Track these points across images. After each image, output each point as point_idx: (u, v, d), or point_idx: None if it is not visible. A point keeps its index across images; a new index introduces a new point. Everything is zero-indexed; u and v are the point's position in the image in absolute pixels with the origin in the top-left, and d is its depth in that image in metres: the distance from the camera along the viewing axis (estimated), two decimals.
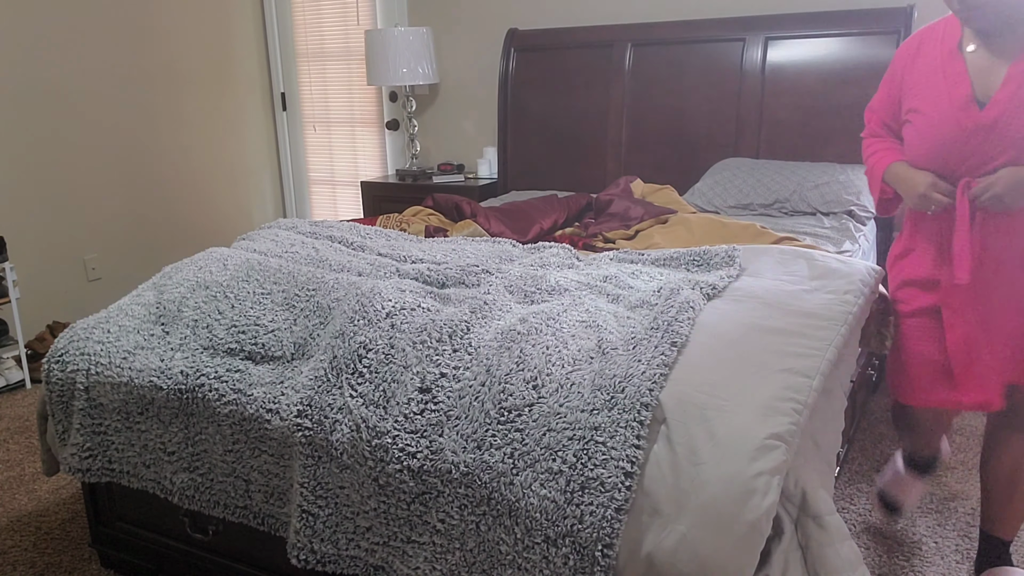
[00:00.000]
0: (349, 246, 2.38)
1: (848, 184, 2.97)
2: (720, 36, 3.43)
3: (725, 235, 2.48)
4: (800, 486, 1.37)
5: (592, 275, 2.03)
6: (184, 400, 1.80)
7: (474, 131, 4.28)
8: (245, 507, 1.81)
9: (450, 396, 1.57)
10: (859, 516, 2.32)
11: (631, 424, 1.40)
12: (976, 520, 2.28)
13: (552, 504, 1.39)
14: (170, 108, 4.31)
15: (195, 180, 4.50)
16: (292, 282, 1.99)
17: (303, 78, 4.77)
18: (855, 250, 2.63)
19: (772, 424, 1.37)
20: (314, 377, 1.69)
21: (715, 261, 2.08)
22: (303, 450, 1.65)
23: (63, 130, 3.81)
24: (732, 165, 3.27)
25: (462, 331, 1.69)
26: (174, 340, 1.90)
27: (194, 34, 4.40)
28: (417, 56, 3.97)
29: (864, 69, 3.19)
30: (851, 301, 1.88)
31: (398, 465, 1.53)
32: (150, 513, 2.06)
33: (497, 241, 2.48)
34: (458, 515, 1.51)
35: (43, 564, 2.23)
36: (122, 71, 4.05)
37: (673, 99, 3.54)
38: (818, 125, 3.29)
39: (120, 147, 4.08)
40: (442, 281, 2.01)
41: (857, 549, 1.41)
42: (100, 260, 4.04)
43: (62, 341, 1.97)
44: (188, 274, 2.09)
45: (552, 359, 1.56)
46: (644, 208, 2.83)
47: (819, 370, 1.56)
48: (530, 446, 1.44)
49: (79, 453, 1.94)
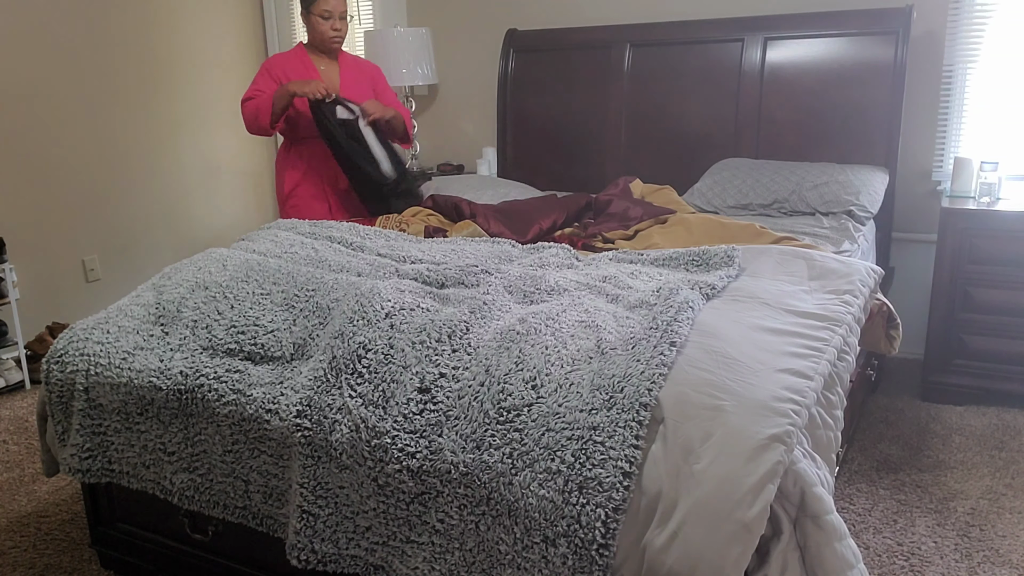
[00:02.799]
0: (348, 246, 2.38)
1: (847, 184, 2.97)
2: (719, 36, 3.43)
3: (724, 235, 2.48)
4: (799, 486, 1.37)
5: (591, 275, 2.03)
6: (183, 400, 1.80)
7: (473, 131, 4.28)
8: (244, 507, 1.81)
9: (449, 396, 1.57)
10: (858, 516, 2.32)
11: (630, 424, 1.40)
12: (976, 520, 2.28)
13: (551, 504, 1.39)
14: (170, 109, 4.32)
15: (194, 182, 4.50)
16: (291, 282, 1.99)
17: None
18: (854, 250, 2.63)
19: (771, 424, 1.37)
20: (313, 377, 1.69)
21: (714, 261, 2.08)
22: (302, 450, 1.65)
23: (63, 131, 3.81)
24: (731, 165, 3.27)
25: (461, 331, 1.69)
26: (173, 341, 1.90)
27: (194, 35, 4.40)
28: (416, 57, 3.97)
29: (863, 69, 3.19)
30: (850, 301, 1.89)
31: (397, 465, 1.54)
32: (150, 514, 2.06)
33: (496, 241, 2.48)
34: (457, 515, 1.51)
35: (43, 565, 2.23)
36: (122, 72, 4.05)
37: (672, 99, 3.55)
38: (817, 125, 3.29)
39: (120, 148, 4.08)
40: (441, 281, 2.01)
41: (856, 549, 1.41)
42: (100, 261, 4.04)
43: (61, 342, 1.97)
44: (187, 275, 2.09)
45: (551, 359, 1.56)
46: (643, 208, 2.83)
47: (818, 370, 1.57)
48: (529, 446, 1.45)
49: (79, 454, 1.94)
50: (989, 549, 2.16)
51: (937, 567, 2.09)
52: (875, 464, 2.61)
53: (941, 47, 3.25)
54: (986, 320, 2.93)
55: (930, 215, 3.38)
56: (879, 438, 2.79)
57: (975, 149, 3.28)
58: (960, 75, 3.25)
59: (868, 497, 2.42)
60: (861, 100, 3.21)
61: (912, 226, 3.43)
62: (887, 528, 2.27)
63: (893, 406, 3.04)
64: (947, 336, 3.00)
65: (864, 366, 2.58)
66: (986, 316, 2.93)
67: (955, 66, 3.25)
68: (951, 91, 3.28)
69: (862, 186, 2.96)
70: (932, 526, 2.27)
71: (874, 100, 3.18)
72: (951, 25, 3.21)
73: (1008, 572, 2.06)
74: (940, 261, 2.96)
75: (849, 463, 2.62)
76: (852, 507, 2.37)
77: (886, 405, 3.05)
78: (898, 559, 2.13)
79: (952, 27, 3.21)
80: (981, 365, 2.97)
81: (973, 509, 2.34)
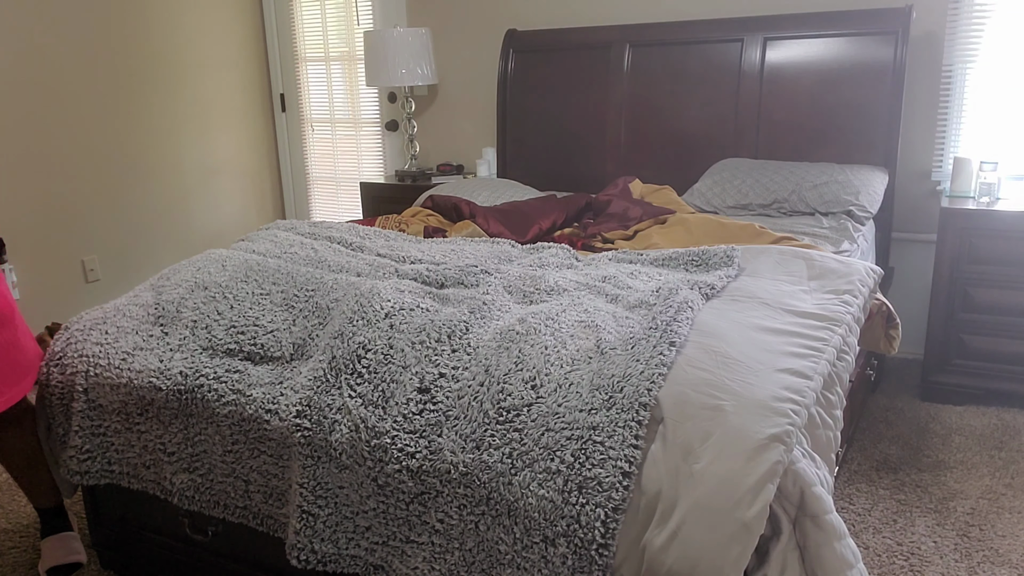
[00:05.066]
0: (348, 247, 2.38)
1: (846, 184, 2.97)
2: (718, 37, 3.43)
3: (724, 235, 2.49)
4: (798, 485, 1.37)
5: (591, 275, 2.03)
6: (183, 401, 1.80)
7: (473, 132, 4.29)
8: (244, 507, 1.81)
9: (449, 396, 1.57)
10: (858, 515, 2.33)
11: (629, 424, 1.40)
12: (975, 520, 2.28)
13: (550, 504, 1.39)
14: (170, 109, 4.31)
15: (194, 182, 4.50)
16: (291, 283, 1.99)
17: (302, 79, 4.78)
18: (853, 250, 2.63)
19: (770, 424, 1.37)
20: (313, 378, 1.69)
21: (714, 261, 2.08)
22: (302, 450, 1.65)
23: (62, 131, 3.81)
24: (731, 165, 3.27)
25: (461, 331, 1.69)
26: (173, 341, 1.90)
27: (193, 36, 4.40)
28: (416, 57, 3.97)
29: (863, 69, 3.19)
30: (850, 301, 1.89)
31: (397, 465, 1.54)
32: (150, 514, 2.06)
33: (496, 241, 2.48)
34: (457, 515, 1.51)
35: None
36: (122, 72, 4.05)
37: (672, 99, 3.55)
38: (816, 125, 3.29)
39: (120, 149, 4.08)
40: (441, 281, 2.01)
41: (856, 548, 1.41)
42: (99, 261, 4.04)
43: (59, 344, 1.97)
44: (186, 275, 2.09)
45: (551, 359, 1.56)
46: (643, 208, 2.84)
47: (817, 370, 1.57)
48: (528, 446, 1.45)
49: (78, 455, 1.94)
50: (989, 549, 2.16)
51: (937, 567, 2.09)
52: (875, 464, 2.61)
53: (940, 47, 3.25)
54: (986, 320, 2.93)
55: (930, 215, 3.38)
56: (879, 438, 2.79)
57: (974, 149, 3.28)
58: (959, 75, 3.26)
59: (868, 497, 2.42)
60: (861, 100, 3.21)
61: (912, 226, 3.44)
62: (887, 528, 2.27)
63: (893, 406, 3.04)
64: (947, 336, 3.00)
65: (864, 366, 2.58)
66: (986, 316, 2.93)
67: (954, 66, 3.25)
68: (950, 91, 3.28)
69: (862, 186, 2.97)
70: (932, 526, 2.27)
71: (874, 100, 3.18)
72: (950, 25, 3.21)
73: (1008, 572, 2.06)
74: (940, 261, 2.96)
75: (849, 463, 2.62)
76: (852, 507, 2.37)
77: (886, 405, 3.05)
78: (898, 559, 2.13)
79: (951, 27, 3.21)
80: (981, 365, 2.97)
81: (973, 509, 2.34)
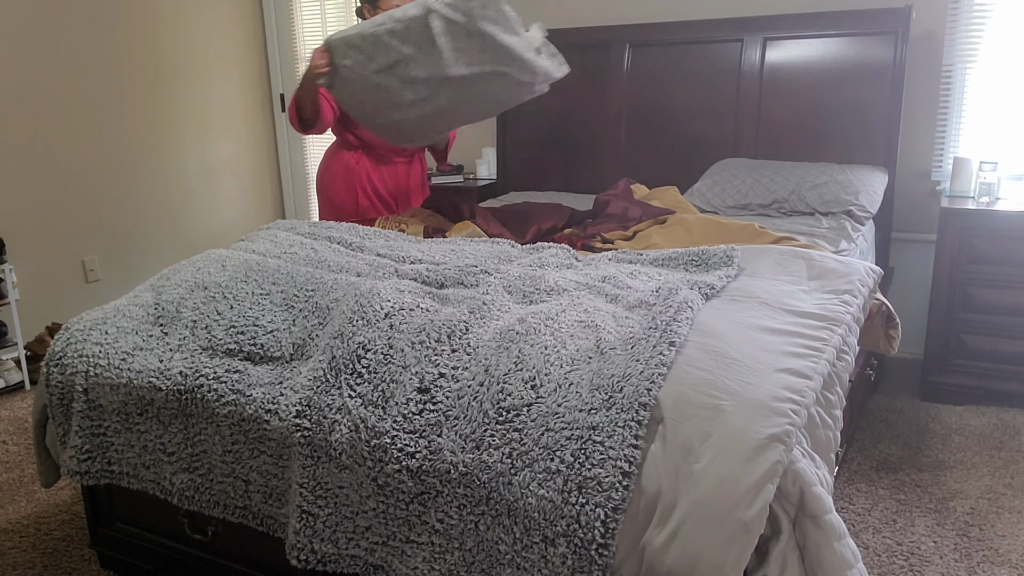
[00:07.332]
0: (348, 247, 2.38)
1: (846, 184, 2.97)
2: (718, 37, 3.43)
3: (723, 235, 2.49)
4: (798, 485, 1.37)
5: (590, 275, 2.03)
6: (183, 401, 1.80)
7: (473, 132, 4.28)
8: (244, 507, 1.81)
9: (449, 396, 1.57)
10: (858, 515, 2.33)
11: (629, 424, 1.40)
12: (975, 520, 2.28)
13: (550, 504, 1.39)
14: (170, 110, 4.32)
15: (195, 182, 4.51)
16: (291, 283, 1.99)
17: None
18: (853, 250, 2.63)
19: (770, 424, 1.37)
20: (313, 378, 1.69)
21: (713, 261, 2.08)
22: (302, 450, 1.65)
23: (63, 131, 3.81)
24: (730, 165, 3.27)
25: (461, 331, 1.69)
26: (173, 341, 1.90)
27: (193, 36, 4.40)
28: None
29: (862, 69, 3.19)
30: (849, 301, 1.89)
31: (397, 465, 1.54)
32: (149, 514, 2.06)
33: (496, 242, 2.48)
34: (457, 515, 1.51)
35: (42, 566, 2.23)
36: (122, 73, 4.05)
37: (671, 100, 3.55)
38: (816, 125, 3.29)
39: (120, 149, 4.08)
40: (441, 282, 2.01)
41: (855, 548, 1.41)
42: (99, 261, 4.04)
43: (59, 344, 1.97)
44: (186, 275, 2.09)
45: (550, 359, 1.56)
46: (642, 209, 2.84)
47: (817, 370, 1.57)
48: (528, 446, 1.45)
49: (77, 455, 1.94)
50: (988, 549, 2.16)
51: (936, 567, 2.09)
52: (874, 464, 2.61)
53: (940, 47, 3.25)
54: (985, 320, 2.93)
55: (929, 215, 3.38)
56: (879, 438, 2.79)
57: (974, 149, 3.28)
58: (959, 75, 3.26)
59: (867, 497, 2.42)
60: (860, 100, 3.21)
61: (911, 226, 3.44)
62: (886, 528, 2.27)
63: (893, 406, 3.04)
64: (946, 336, 3.00)
65: (864, 366, 2.58)
66: (985, 316, 2.93)
67: (954, 66, 3.25)
68: (950, 91, 3.28)
69: (861, 186, 2.97)
70: (931, 526, 2.27)
71: (873, 100, 3.19)
72: (950, 25, 3.22)
73: (1008, 572, 2.06)
74: (939, 261, 2.96)
75: (849, 463, 2.62)
76: (851, 507, 2.37)
77: (886, 405, 3.05)
78: (897, 559, 2.13)
79: (951, 27, 3.22)
80: (980, 365, 2.97)
81: (972, 509, 2.34)
